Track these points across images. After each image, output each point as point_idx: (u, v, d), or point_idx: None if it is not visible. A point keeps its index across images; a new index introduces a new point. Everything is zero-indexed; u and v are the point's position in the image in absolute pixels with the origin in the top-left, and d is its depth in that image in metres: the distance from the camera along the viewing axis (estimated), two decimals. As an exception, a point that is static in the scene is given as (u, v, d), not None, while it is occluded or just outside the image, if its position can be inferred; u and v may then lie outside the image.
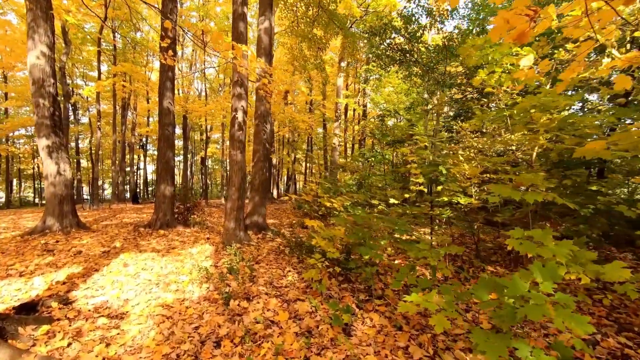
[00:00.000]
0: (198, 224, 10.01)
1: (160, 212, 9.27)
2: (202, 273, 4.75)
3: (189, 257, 6.00)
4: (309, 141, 32.87)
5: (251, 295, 4.09)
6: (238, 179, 7.01)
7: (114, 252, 6.37)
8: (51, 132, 8.40)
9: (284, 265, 5.42)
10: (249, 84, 7.52)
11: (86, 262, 5.51)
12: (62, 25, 21.35)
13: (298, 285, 4.38)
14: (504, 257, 5.87)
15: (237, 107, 7.04)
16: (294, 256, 5.85)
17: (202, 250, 6.56)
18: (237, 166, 7.01)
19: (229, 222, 6.96)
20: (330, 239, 4.13)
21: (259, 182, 8.47)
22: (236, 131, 7.02)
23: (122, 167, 27.52)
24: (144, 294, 4.20)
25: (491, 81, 5.43)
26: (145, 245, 7.05)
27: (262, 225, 8.43)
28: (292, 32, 11.17)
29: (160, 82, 9.42)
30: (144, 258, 5.94)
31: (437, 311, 2.42)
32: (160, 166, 9.39)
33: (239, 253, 5.83)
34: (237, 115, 7.03)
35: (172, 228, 9.27)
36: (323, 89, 26.02)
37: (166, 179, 9.36)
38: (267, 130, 8.64)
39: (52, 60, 8.72)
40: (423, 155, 6.00)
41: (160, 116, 9.40)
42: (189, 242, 7.47)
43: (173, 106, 9.55)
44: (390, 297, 3.93)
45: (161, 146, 9.40)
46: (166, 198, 9.32)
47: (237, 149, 7.01)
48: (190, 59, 32.34)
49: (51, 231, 8.30)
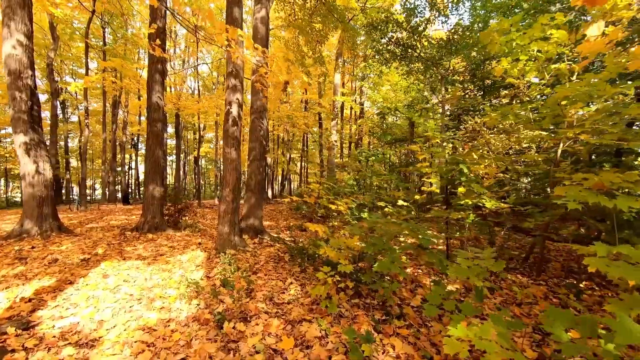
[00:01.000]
0: (189, 227, 9.39)
1: (149, 215, 8.63)
2: (192, 287, 4.15)
3: (178, 266, 5.39)
4: (304, 141, 32.30)
5: (249, 314, 3.50)
6: (233, 178, 6.41)
7: (95, 260, 5.74)
8: (29, 127, 7.74)
9: (284, 275, 4.84)
10: (244, 76, 6.93)
11: (61, 273, 4.88)
12: (50, 21, 20.58)
13: (302, 300, 3.81)
14: (522, 264, 5.36)
15: (231, 100, 6.45)
16: (295, 264, 5.27)
17: (192, 258, 5.95)
18: (231, 165, 6.41)
19: (223, 226, 6.36)
20: (340, 249, 3.55)
21: (255, 182, 7.88)
22: (230, 127, 6.42)
23: (113, 166, 26.73)
24: (123, 312, 3.59)
25: (514, 71, 4.90)
26: (130, 252, 6.42)
27: (259, 228, 7.84)
28: (290, 24, 10.57)
29: (149, 75, 8.78)
30: (128, 267, 5.32)
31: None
32: (149, 165, 8.75)
33: (234, 262, 5.24)
34: (232, 110, 6.43)
35: (162, 231, 8.64)
36: (319, 87, 25.47)
37: (155, 179, 8.72)
38: (263, 127, 8.04)
39: (30, 51, 8.02)
40: (436, 153, 5.46)
41: (149, 112, 8.76)
42: (179, 248, 6.85)
43: (163, 101, 8.91)
44: (411, 316, 3.37)
45: (150, 144, 8.76)
46: (155, 199, 8.69)
47: (231, 147, 6.41)
48: (183, 56, 31.64)
49: (29, 235, 7.64)
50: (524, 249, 5.28)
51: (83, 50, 23.03)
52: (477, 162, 4.64)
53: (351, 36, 11.66)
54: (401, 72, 13.47)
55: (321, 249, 3.58)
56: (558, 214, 4.17)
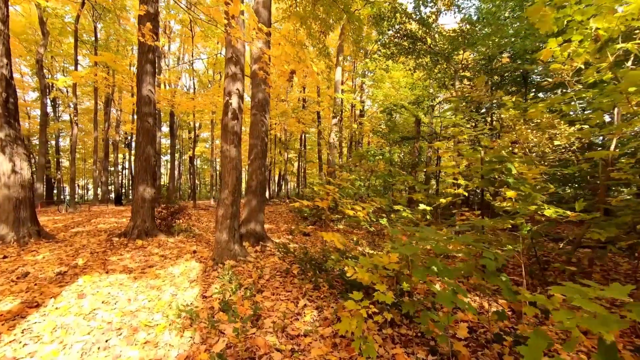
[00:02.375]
0: (184, 232, 8.61)
1: (138, 219, 7.84)
2: (185, 312, 3.39)
3: (169, 282, 4.62)
4: (301, 140, 31.56)
5: (256, 353, 2.75)
6: (232, 179, 5.65)
7: (72, 274, 4.95)
8: (4, 122, 6.95)
9: (295, 294, 4.08)
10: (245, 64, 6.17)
11: (28, 292, 4.10)
12: (40, 15, 19.75)
13: (322, 332, 3.06)
14: (558, 275, 4.67)
15: (231, 90, 5.68)
16: (306, 280, 4.51)
17: (186, 270, 5.17)
18: (231, 164, 5.65)
19: (221, 233, 5.59)
20: (374, 269, 2.80)
21: (257, 183, 7.12)
22: (230, 120, 5.66)
23: (105, 166, 25.83)
24: (97, 350, 2.83)
25: (564, 54, 4.19)
26: (115, 263, 5.64)
27: (261, 234, 7.08)
28: (293, 14, 9.81)
29: (139, 66, 8.00)
30: (110, 283, 4.54)
31: None
32: (139, 164, 7.96)
33: (235, 278, 4.49)
34: (231, 101, 5.67)
35: (153, 237, 7.86)
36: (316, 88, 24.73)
37: (146, 179, 7.94)
38: (265, 122, 7.29)
39: (5, 37, 7.23)
40: (467, 152, 4.73)
41: (139, 105, 7.97)
42: (171, 258, 6.08)
43: (154, 94, 8.13)
44: (465, 355, 2.64)
45: (140, 141, 7.97)
46: (145, 202, 7.91)
47: (230, 143, 5.65)
48: (178, 53, 30.76)
49: (4, 242, 6.85)
50: (573, 263, 4.58)
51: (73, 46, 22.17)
52: (524, 160, 3.92)
53: (356, 28, 10.92)
54: (408, 67, 12.77)
55: (349, 270, 2.83)
56: (624, 222, 3.47)
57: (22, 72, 30.49)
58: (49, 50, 26.73)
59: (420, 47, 11.84)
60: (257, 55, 7.12)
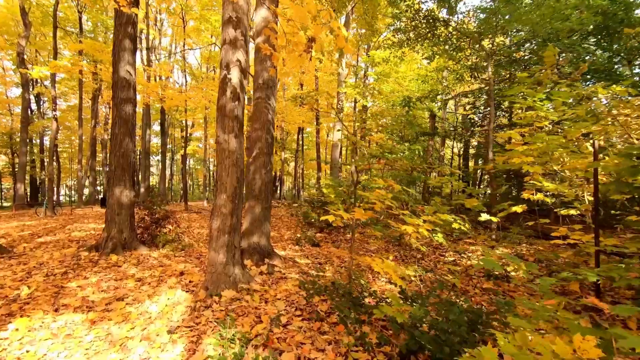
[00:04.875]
0: (170, 243, 7.14)
1: (114, 228, 6.36)
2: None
3: (140, 330, 3.17)
4: (298, 140, 30.12)
5: None
6: (232, 179, 4.21)
7: (6, 314, 3.49)
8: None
9: (332, 356, 2.66)
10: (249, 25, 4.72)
11: None
12: (21, 5, 18.25)
13: None
14: None
15: (229, 61, 4.25)
16: (348, 332, 3.05)
17: (168, 308, 3.71)
18: (229, 159, 4.21)
19: (216, 253, 4.14)
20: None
21: (261, 185, 5.68)
22: (228, 101, 4.22)
23: (93, 166, 24.18)
24: None
25: None
26: (72, 293, 4.17)
27: (266, 249, 5.63)
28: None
29: (115, 40, 6.52)
30: (52, 334, 3.08)
31: None
32: (115, 161, 6.48)
33: (236, 332, 3.05)
34: (230, 75, 4.23)
35: (132, 250, 6.39)
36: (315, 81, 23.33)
37: (123, 179, 6.47)
38: (271, 108, 5.85)
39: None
40: (552, 144, 3.36)
41: (115, 89, 6.49)
42: (151, 283, 4.62)
43: (134, 76, 6.66)
44: None
45: (116, 132, 6.49)
46: (123, 207, 6.44)
47: (229, 131, 4.21)
48: (170, 48, 29.15)
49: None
50: None
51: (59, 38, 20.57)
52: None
53: (371, 7, 9.53)
54: (426, 55, 11.43)
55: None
56: None
57: (4, 67, 28.86)
58: (33, 44, 25.14)
59: (441, 32, 10.50)
60: (261, 25, 5.70)
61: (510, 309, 2.43)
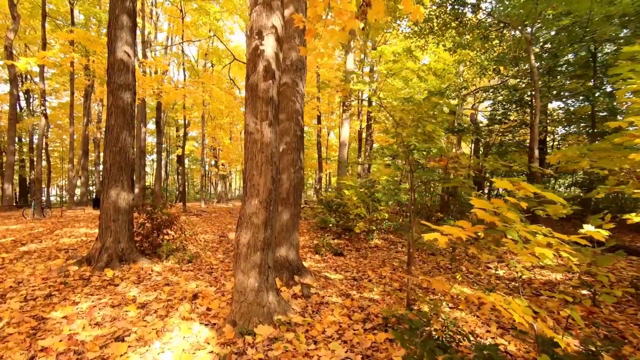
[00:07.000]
0: (174, 253, 6.14)
1: (109, 237, 5.35)
2: None
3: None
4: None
5: None
6: (266, 180, 3.24)
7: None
8: None
9: None
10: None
11: None
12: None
13: None
14: None
15: (262, 26, 3.28)
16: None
17: (188, 356, 2.72)
18: (263, 154, 3.24)
19: (246, 276, 3.17)
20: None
21: (289, 187, 4.71)
22: (261, 80, 3.25)
23: (85, 165, 23.01)
24: None
25: None
26: (56, 328, 3.17)
27: (295, 264, 4.66)
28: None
29: (111, 17, 5.51)
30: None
31: None
32: (110, 157, 5.46)
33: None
34: (264, 46, 3.26)
35: (130, 263, 5.38)
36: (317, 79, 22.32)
37: (120, 180, 5.45)
38: (300, 94, 4.89)
39: None
40: None
41: (111, 73, 5.47)
42: (158, 311, 3.63)
43: (133, 58, 5.65)
44: None
45: (112, 124, 5.48)
46: (120, 212, 5.43)
47: (263, 118, 3.24)
48: (166, 43, 27.98)
49: None
50: None
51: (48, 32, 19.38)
52: None
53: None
54: (449, 45, 10.54)
55: None
56: None
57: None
58: (22, 38, 23.99)
59: (467, 20, 9.64)
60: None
61: None
